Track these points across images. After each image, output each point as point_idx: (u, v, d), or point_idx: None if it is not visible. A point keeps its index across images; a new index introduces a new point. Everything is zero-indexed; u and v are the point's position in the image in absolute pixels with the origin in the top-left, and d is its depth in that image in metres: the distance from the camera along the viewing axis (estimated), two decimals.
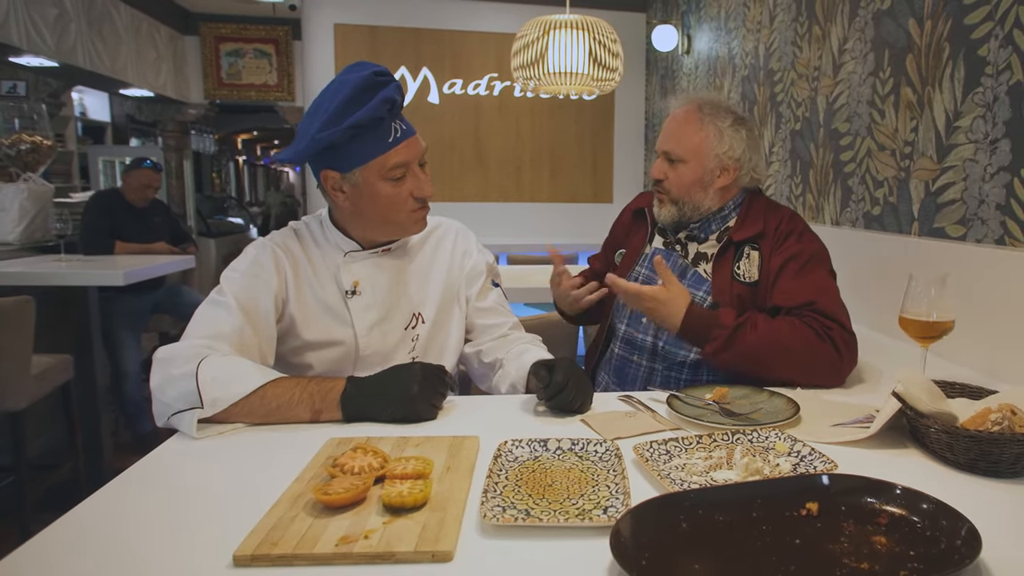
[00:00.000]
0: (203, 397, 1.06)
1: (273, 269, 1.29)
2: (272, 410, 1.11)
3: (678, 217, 1.53)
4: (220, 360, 1.11)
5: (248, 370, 1.12)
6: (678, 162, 1.49)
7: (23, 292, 2.40)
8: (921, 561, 0.72)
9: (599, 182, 5.26)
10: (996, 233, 1.48)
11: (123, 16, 5.45)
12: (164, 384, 1.09)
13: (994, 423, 0.96)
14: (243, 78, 6.59)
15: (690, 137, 1.48)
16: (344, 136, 1.19)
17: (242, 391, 1.08)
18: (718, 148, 1.47)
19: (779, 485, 0.86)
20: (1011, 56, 1.42)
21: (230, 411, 1.09)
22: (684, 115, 1.50)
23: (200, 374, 1.07)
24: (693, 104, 1.51)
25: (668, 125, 1.53)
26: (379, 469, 0.88)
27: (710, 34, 3.57)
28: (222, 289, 1.26)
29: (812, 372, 1.32)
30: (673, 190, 1.50)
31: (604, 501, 0.85)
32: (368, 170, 1.24)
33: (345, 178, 1.25)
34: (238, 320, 1.20)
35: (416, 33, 4.92)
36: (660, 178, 1.52)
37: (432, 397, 1.15)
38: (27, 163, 4.17)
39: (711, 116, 1.48)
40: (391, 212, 1.29)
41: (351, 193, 1.27)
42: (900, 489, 0.81)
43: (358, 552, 0.72)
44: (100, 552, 0.75)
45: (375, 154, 1.23)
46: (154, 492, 0.90)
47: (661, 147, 1.52)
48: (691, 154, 1.48)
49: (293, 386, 1.13)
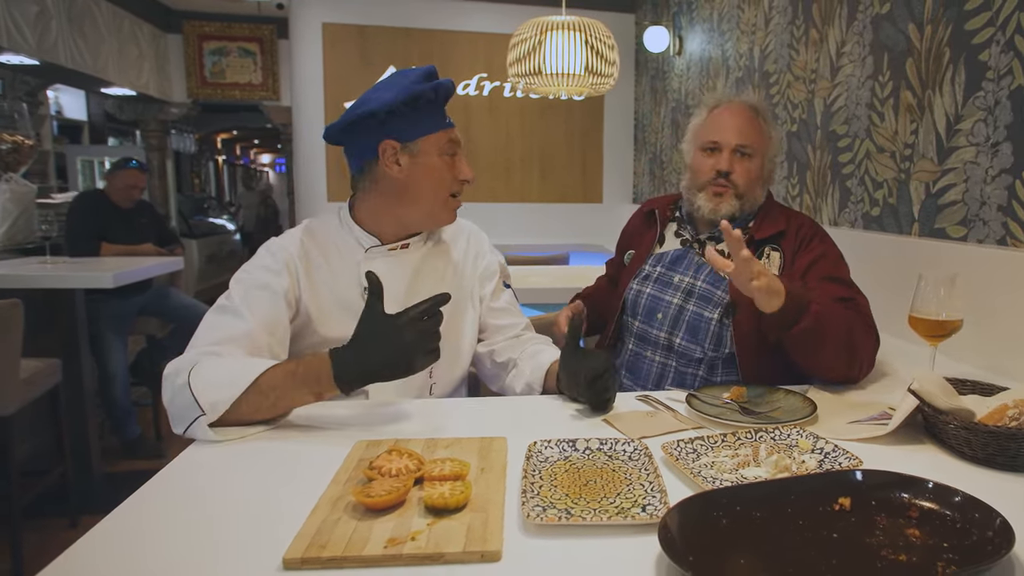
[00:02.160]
0: (200, 403, 1.05)
1: (284, 268, 1.28)
2: (274, 402, 1.09)
3: (739, 211, 1.53)
4: (210, 363, 1.10)
5: (240, 367, 1.09)
6: (747, 156, 1.52)
7: (9, 295, 2.36)
8: (956, 552, 0.74)
9: (589, 182, 5.29)
10: (998, 234, 1.52)
11: (104, 13, 5.36)
12: (173, 398, 1.09)
13: (1011, 419, 0.99)
14: (227, 77, 6.52)
15: (757, 134, 1.53)
16: (429, 94, 1.26)
17: (237, 390, 1.06)
18: (772, 149, 1.56)
19: (812, 481, 0.88)
20: (1012, 61, 1.46)
21: (238, 411, 1.07)
22: (747, 114, 1.55)
23: (192, 381, 1.06)
24: (749, 107, 1.56)
25: (733, 121, 1.53)
26: (416, 471, 0.88)
27: (702, 35, 3.60)
28: (230, 294, 1.24)
29: (855, 359, 1.32)
30: (741, 183, 1.51)
31: (641, 499, 0.86)
32: (429, 141, 1.30)
33: (406, 147, 1.29)
34: (248, 323, 1.19)
35: (405, 33, 4.90)
36: (728, 170, 1.51)
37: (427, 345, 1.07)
38: (8, 163, 4.09)
39: (767, 119, 1.56)
40: (439, 189, 1.33)
41: (407, 164, 1.30)
42: (932, 484, 0.84)
43: (408, 553, 0.72)
44: (140, 561, 0.74)
45: (437, 127, 1.30)
46: (182, 501, 0.89)
47: (731, 142, 1.52)
48: (760, 150, 1.54)
49: (283, 374, 1.09)
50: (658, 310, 1.55)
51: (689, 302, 1.52)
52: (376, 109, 1.25)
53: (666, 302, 1.55)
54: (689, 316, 1.52)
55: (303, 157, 4.98)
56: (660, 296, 1.56)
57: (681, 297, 1.53)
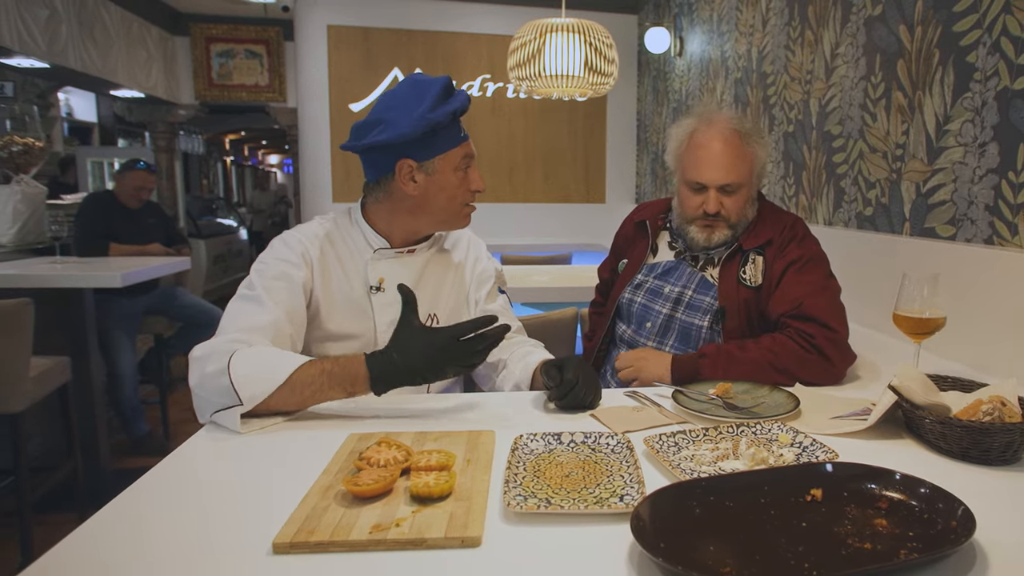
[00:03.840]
0: (239, 394, 1.09)
1: (301, 260, 1.33)
2: (306, 397, 1.15)
3: (732, 238, 1.54)
4: (249, 353, 1.14)
5: (276, 360, 1.14)
6: (734, 192, 1.50)
7: (19, 294, 2.41)
8: (920, 541, 0.77)
9: (592, 183, 5.32)
10: (985, 233, 1.54)
11: (113, 17, 5.43)
12: (203, 381, 1.12)
13: (985, 413, 1.01)
14: (234, 79, 6.58)
15: (743, 165, 1.49)
16: (445, 120, 1.29)
17: (274, 384, 1.11)
18: (758, 165, 1.52)
19: (785, 473, 0.91)
20: (999, 63, 1.48)
21: (267, 404, 1.12)
22: (732, 146, 1.49)
23: (232, 370, 1.10)
24: (732, 131, 1.50)
25: (717, 159, 1.49)
26: (404, 462, 0.92)
27: (702, 37, 3.63)
28: (251, 282, 1.29)
29: (805, 380, 1.38)
30: (731, 216, 1.52)
31: (620, 490, 0.89)
32: (445, 159, 1.33)
33: (422, 167, 1.32)
34: (272, 312, 1.24)
35: (409, 35, 4.94)
36: (717, 211, 1.50)
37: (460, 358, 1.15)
38: (19, 165, 4.15)
39: (752, 138, 1.51)
40: (454, 202, 1.37)
41: (423, 182, 1.33)
42: (899, 475, 0.86)
43: (391, 539, 0.76)
44: (138, 546, 0.78)
45: (452, 145, 1.34)
46: (180, 491, 0.93)
47: (716, 182, 1.49)
48: (745, 179, 1.50)
49: (318, 372, 1.15)
50: (647, 319, 1.58)
51: (679, 310, 1.55)
52: (391, 141, 1.28)
53: (655, 311, 1.58)
54: (679, 323, 1.55)
55: (308, 158, 5.03)
56: (650, 306, 1.59)
57: (670, 306, 1.56)
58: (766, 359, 1.38)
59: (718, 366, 1.38)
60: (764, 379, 1.34)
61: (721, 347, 1.42)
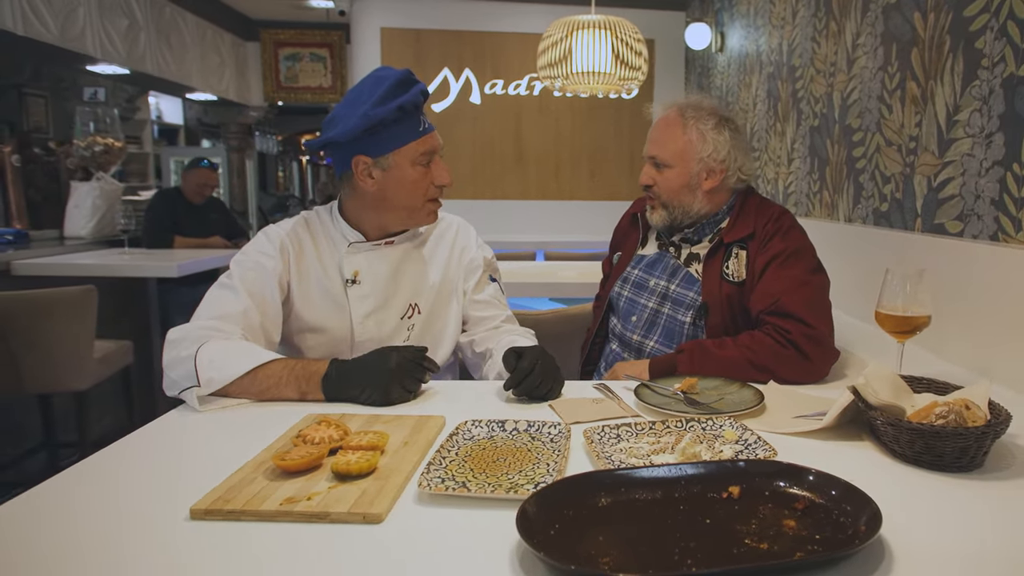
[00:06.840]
0: (200, 377, 1.18)
1: (278, 253, 1.39)
2: (263, 390, 1.22)
3: (669, 221, 1.55)
4: (219, 344, 1.22)
5: (242, 354, 1.22)
6: (664, 167, 1.51)
7: (89, 282, 2.63)
8: (823, 544, 0.75)
9: (638, 181, 5.24)
10: (990, 229, 1.45)
11: (189, 25, 5.79)
12: (172, 362, 1.22)
13: (938, 416, 0.96)
14: (300, 81, 6.88)
15: (674, 142, 1.50)
16: (391, 116, 1.30)
17: (234, 373, 1.19)
18: (702, 151, 1.48)
19: (704, 468, 0.90)
20: (1005, 48, 1.39)
21: (227, 389, 1.20)
22: (667, 120, 1.52)
23: (198, 357, 1.19)
24: (675, 109, 1.52)
25: (653, 131, 1.55)
26: (338, 441, 0.97)
27: (741, 31, 3.52)
28: (231, 273, 1.37)
29: (784, 378, 1.34)
30: (662, 195, 1.53)
31: (539, 477, 0.90)
32: (401, 154, 1.34)
33: (377, 163, 1.35)
34: (244, 302, 1.32)
35: (458, 35, 5.03)
36: (649, 183, 1.54)
37: (406, 382, 1.22)
38: (100, 163, 4.49)
39: (694, 119, 1.49)
40: (414, 197, 1.39)
41: (380, 178, 1.36)
42: (813, 474, 0.84)
43: (298, 511, 0.81)
44: (83, 507, 0.86)
45: (408, 140, 1.34)
46: (142, 459, 1.02)
47: (647, 153, 1.54)
48: (676, 159, 1.50)
49: (281, 368, 1.23)
50: (633, 313, 1.58)
51: (664, 306, 1.54)
52: (337, 139, 1.32)
53: (641, 305, 1.57)
54: (665, 320, 1.54)
55: None
56: (636, 299, 1.59)
57: (656, 301, 1.55)
58: (744, 356, 1.35)
59: (694, 362, 1.37)
60: (743, 376, 1.32)
61: (699, 343, 1.40)
